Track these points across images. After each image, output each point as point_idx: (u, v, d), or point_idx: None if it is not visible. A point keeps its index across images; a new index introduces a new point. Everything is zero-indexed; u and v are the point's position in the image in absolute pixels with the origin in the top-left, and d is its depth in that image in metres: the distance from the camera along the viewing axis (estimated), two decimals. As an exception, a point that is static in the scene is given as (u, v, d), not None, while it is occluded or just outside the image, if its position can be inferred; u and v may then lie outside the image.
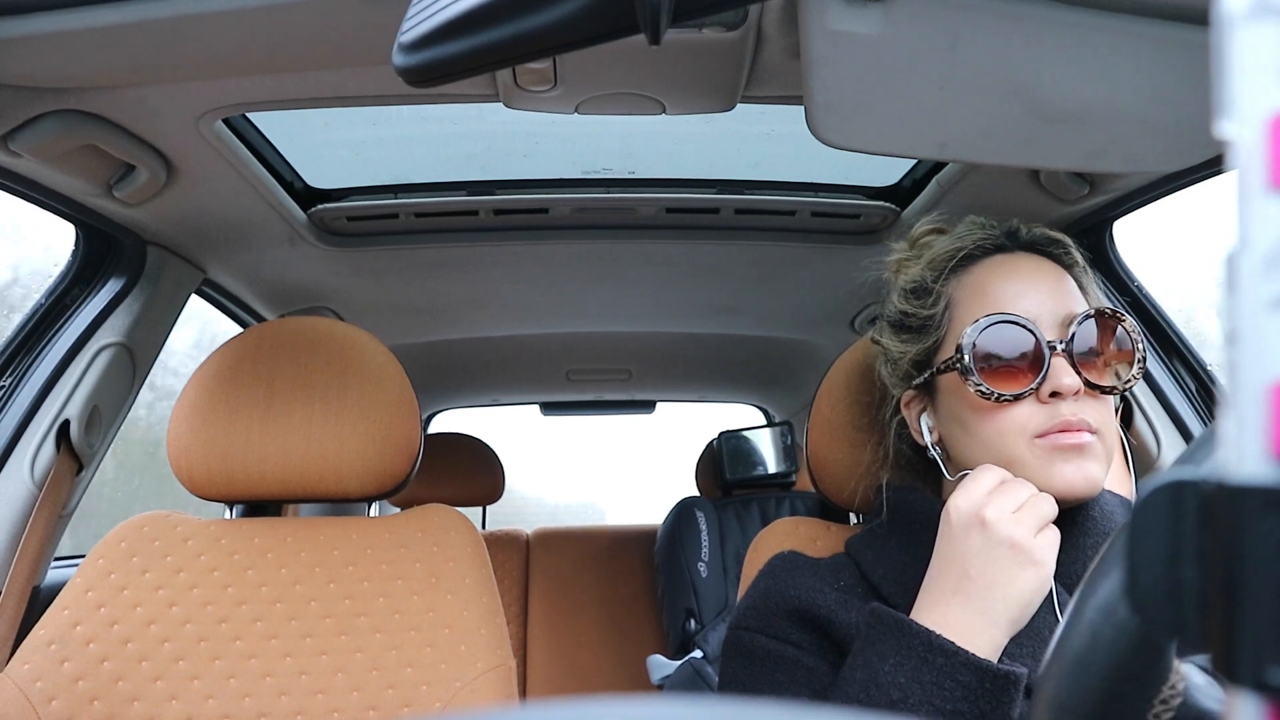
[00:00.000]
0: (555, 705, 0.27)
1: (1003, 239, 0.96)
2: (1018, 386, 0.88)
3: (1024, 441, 0.88)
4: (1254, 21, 0.21)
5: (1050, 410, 0.87)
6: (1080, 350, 0.88)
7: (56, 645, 1.11)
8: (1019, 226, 0.97)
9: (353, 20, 0.92)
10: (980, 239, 0.97)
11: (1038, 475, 0.87)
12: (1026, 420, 0.88)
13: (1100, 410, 0.89)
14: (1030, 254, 0.95)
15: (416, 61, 0.42)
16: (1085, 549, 0.89)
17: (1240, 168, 0.21)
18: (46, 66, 1.01)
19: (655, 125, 1.26)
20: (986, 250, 0.96)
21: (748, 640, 0.94)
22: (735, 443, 2.64)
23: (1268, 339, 0.21)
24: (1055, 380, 0.87)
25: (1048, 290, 0.92)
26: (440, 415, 3.37)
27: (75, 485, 1.46)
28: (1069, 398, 0.87)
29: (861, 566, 0.96)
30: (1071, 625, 0.36)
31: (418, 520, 1.26)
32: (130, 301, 1.52)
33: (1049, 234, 0.97)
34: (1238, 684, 0.21)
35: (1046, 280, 0.93)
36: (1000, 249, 0.96)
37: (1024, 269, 0.94)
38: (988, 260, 0.95)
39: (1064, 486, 0.86)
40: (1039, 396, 0.88)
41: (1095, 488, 0.87)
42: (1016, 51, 0.81)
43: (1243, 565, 0.21)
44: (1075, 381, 0.87)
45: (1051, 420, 0.87)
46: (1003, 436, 0.89)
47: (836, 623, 0.89)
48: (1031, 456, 0.88)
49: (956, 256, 0.96)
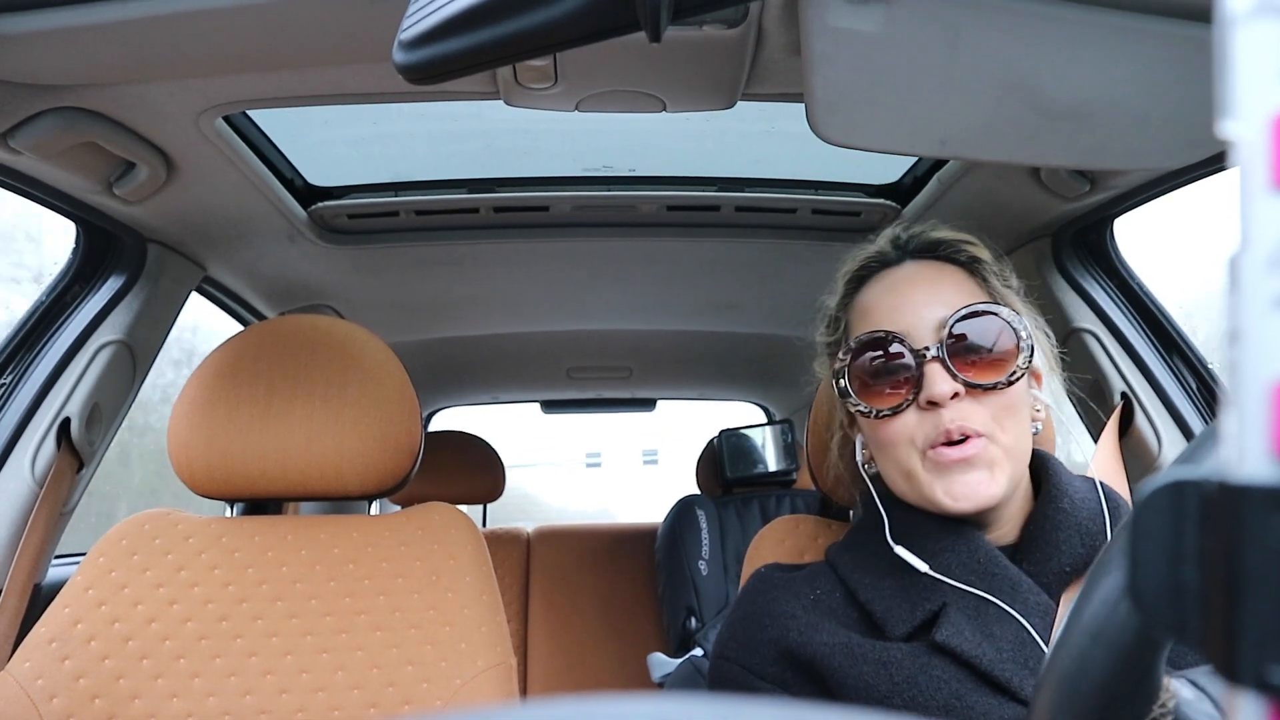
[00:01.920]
0: (556, 703, 0.27)
1: (892, 252, 0.97)
2: (895, 400, 0.88)
3: (916, 455, 0.88)
4: (1257, 20, 0.21)
5: (933, 419, 0.87)
6: (958, 352, 0.87)
7: (57, 643, 1.11)
8: (916, 234, 0.97)
9: (353, 17, 0.92)
10: (869, 257, 0.98)
11: (931, 492, 0.87)
12: (913, 431, 0.88)
13: (992, 409, 0.87)
14: (921, 261, 0.96)
15: (417, 59, 0.42)
16: (1058, 544, 0.87)
17: (1242, 167, 0.21)
18: (47, 63, 1.00)
19: (656, 123, 1.26)
20: (874, 269, 0.97)
21: (730, 673, 0.95)
22: (736, 441, 2.64)
23: (1269, 338, 0.20)
24: (930, 389, 0.86)
25: (926, 296, 0.91)
26: (441, 413, 3.37)
27: (76, 483, 1.46)
28: (949, 404, 0.86)
29: (839, 572, 0.96)
30: (1062, 645, 0.36)
31: (418, 518, 1.26)
32: (131, 299, 1.52)
33: (940, 236, 0.96)
34: (1239, 683, 0.21)
35: (927, 287, 0.92)
36: (888, 264, 0.96)
37: (906, 280, 0.94)
38: (874, 279, 0.96)
39: (951, 503, 0.86)
40: (920, 406, 0.87)
41: (988, 498, 0.86)
42: (1017, 48, 0.81)
43: (1244, 565, 0.21)
44: (949, 386, 0.86)
45: (935, 430, 0.86)
46: (897, 450, 0.90)
47: (807, 645, 0.89)
48: (924, 472, 0.88)
49: (849, 278, 0.98)
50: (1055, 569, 0.87)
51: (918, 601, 0.87)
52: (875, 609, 0.89)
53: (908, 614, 0.87)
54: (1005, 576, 0.86)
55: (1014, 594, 0.85)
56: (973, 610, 0.85)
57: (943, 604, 0.86)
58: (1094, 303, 1.53)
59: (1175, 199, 1.39)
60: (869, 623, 0.90)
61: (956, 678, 0.82)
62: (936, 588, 0.87)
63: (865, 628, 0.90)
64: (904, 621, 0.87)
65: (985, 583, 0.86)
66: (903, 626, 0.87)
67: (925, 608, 0.87)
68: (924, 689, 0.82)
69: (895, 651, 0.85)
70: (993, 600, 0.85)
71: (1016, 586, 0.85)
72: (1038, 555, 0.87)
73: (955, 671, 0.82)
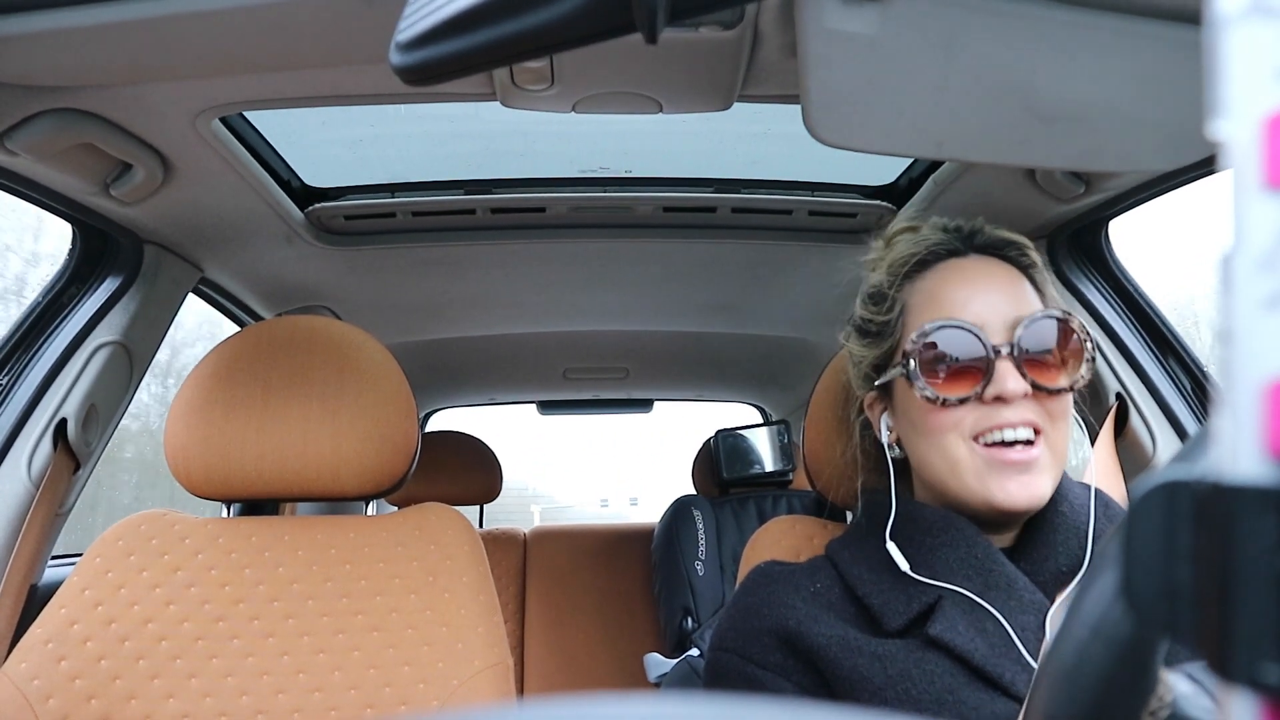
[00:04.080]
0: (552, 703, 0.27)
1: (957, 243, 0.97)
2: (963, 390, 0.88)
3: (964, 443, 0.89)
4: (1249, 21, 0.21)
5: (991, 411, 0.87)
6: (1028, 353, 0.88)
7: (53, 644, 1.11)
8: (977, 229, 0.98)
9: (350, 19, 0.92)
10: (934, 244, 0.97)
11: (977, 483, 0.88)
12: (966, 421, 0.88)
13: (1049, 411, 0.88)
14: (985, 257, 0.96)
15: (413, 60, 0.42)
16: (1055, 546, 0.89)
17: (1235, 167, 0.21)
18: (43, 65, 1.00)
19: (652, 124, 1.26)
20: (940, 255, 0.97)
21: (727, 664, 0.95)
22: (732, 441, 2.64)
23: (1262, 338, 0.21)
24: (1000, 385, 0.87)
25: (997, 294, 0.92)
26: (438, 414, 3.37)
27: (72, 484, 1.46)
28: (1015, 401, 0.87)
29: (839, 567, 0.96)
30: (1060, 640, 0.36)
31: (415, 519, 1.26)
32: (127, 300, 1.51)
33: (1005, 236, 0.97)
34: (1232, 682, 0.21)
35: (997, 283, 0.93)
36: (954, 253, 0.97)
37: (975, 273, 0.94)
38: (940, 265, 0.96)
39: (1006, 500, 0.86)
40: (983, 400, 0.88)
41: (1040, 502, 0.87)
42: (1013, 51, 0.81)
43: (1236, 564, 0.21)
44: (1020, 385, 0.86)
45: (990, 420, 0.87)
46: (944, 436, 0.90)
47: (805, 635, 0.90)
48: (972, 462, 0.88)
49: (910, 262, 0.97)
50: (1052, 569, 0.88)
51: (914, 596, 0.88)
52: (872, 603, 0.90)
53: (903, 608, 0.88)
54: (1002, 573, 0.87)
55: (1010, 591, 0.86)
56: (967, 605, 0.86)
57: (938, 598, 0.87)
58: (1089, 304, 1.53)
59: (1170, 200, 1.39)
60: (867, 617, 0.91)
61: (950, 672, 0.83)
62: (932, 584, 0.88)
63: (863, 622, 0.91)
64: (899, 615, 0.88)
65: (982, 578, 0.87)
66: (898, 620, 0.88)
67: (921, 601, 0.88)
68: (917, 683, 0.83)
69: (890, 646, 0.86)
70: (980, 602, 0.85)
71: (1013, 584, 0.86)
72: (1035, 555, 0.88)
73: (948, 666, 0.83)
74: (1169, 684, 0.41)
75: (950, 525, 0.90)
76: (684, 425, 3.54)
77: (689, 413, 3.78)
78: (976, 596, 0.86)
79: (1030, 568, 0.88)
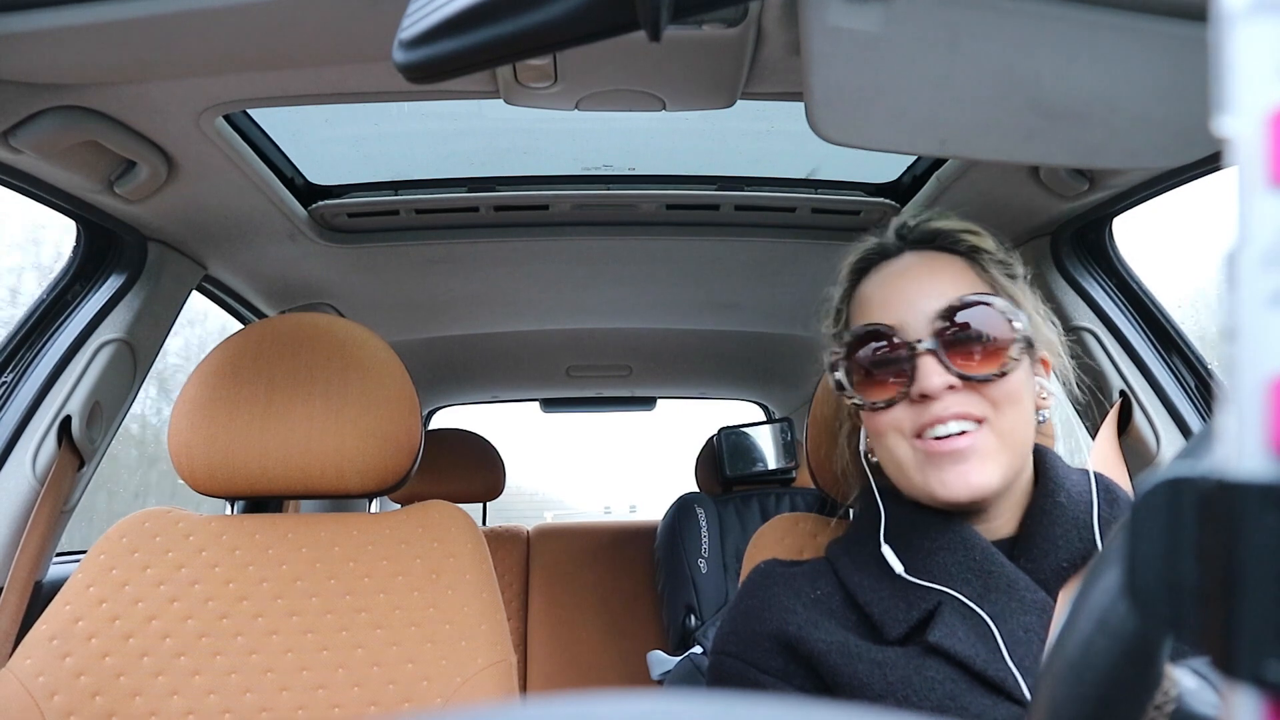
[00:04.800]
0: (555, 701, 0.27)
1: (891, 242, 0.97)
2: (889, 392, 0.89)
3: (906, 442, 0.89)
4: (1255, 18, 0.21)
5: (922, 408, 0.87)
6: (951, 344, 0.86)
7: (58, 640, 1.11)
8: (917, 223, 0.97)
9: (353, 16, 0.92)
10: (870, 250, 0.98)
11: (921, 480, 0.87)
12: (903, 421, 0.88)
13: (990, 398, 0.86)
14: (918, 251, 0.95)
15: (417, 58, 0.42)
16: (1055, 540, 0.87)
17: (1240, 164, 0.21)
18: (48, 62, 1.00)
19: (655, 122, 1.27)
20: (873, 260, 0.97)
21: (730, 668, 0.95)
22: (735, 439, 2.64)
23: (1267, 335, 0.21)
24: (923, 382, 0.86)
25: (918, 289, 0.90)
26: (441, 411, 3.37)
27: (77, 481, 1.46)
28: (942, 396, 0.86)
29: (839, 573, 0.96)
30: (1065, 634, 0.36)
31: (418, 516, 1.26)
32: (131, 297, 1.52)
33: (934, 226, 0.96)
34: (1236, 679, 0.21)
35: (920, 279, 0.92)
36: (886, 255, 0.96)
37: (899, 272, 0.94)
38: (874, 270, 0.96)
39: (944, 492, 0.86)
40: (911, 399, 0.87)
41: (983, 490, 0.85)
42: (1016, 48, 0.81)
43: (1241, 562, 0.21)
44: (943, 379, 0.85)
45: (922, 417, 0.86)
46: (888, 438, 0.90)
47: (806, 640, 0.90)
48: (914, 460, 0.88)
49: (848, 271, 0.99)
50: (1053, 565, 0.86)
51: (913, 602, 0.87)
52: (872, 611, 0.89)
53: (903, 614, 0.87)
54: (1002, 574, 0.86)
55: (1011, 592, 0.85)
56: (967, 609, 0.85)
57: (937, 604, 0.86)
58: (1093, 301, 1.53)
59: (1174, 196, 1.39)
60: (868, 624, 0.90)
61: (951, 678, 0.82)
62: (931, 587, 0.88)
63: (864, 629, 0.90)
64: (900, 623, 0.87)
65: (982, 581, 0.86)
66: (899, 628, 0.87)
67: (921, 607, 0.87)
68: (918, 689, 0.82)
69: (891, 653, 0.85)
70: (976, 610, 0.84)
71: (1014, 585, 0.85)
72: (1035, 551, 0.87)
73: (950, 672, 0.82)
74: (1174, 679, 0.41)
75: (947, 527, 0.89)
76: (682, 432, 3.52)
77: (687, 419, 3.78)
78: (977, 599, 0.85)
79: (1031, 565, 0.87)
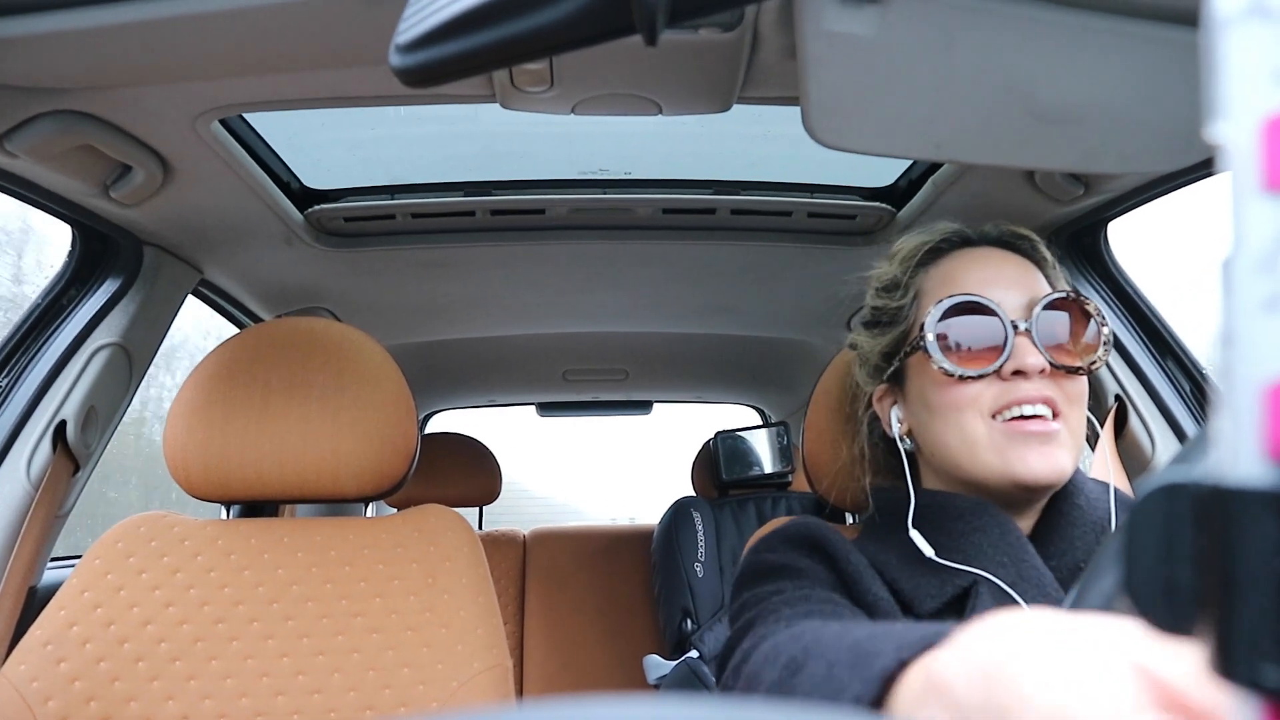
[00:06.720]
0: (552, 705, 0.27)
1: (970, 234, 0.99)
2: (981, 365, 0.89)
3: (983, 420, 0.88)
4: (1248, 22, 0.21)
5: (1010, 386, 0.87)
6: (1044, 332, 0.89)
7: (53, 645, 1.11)
8: (987, 226, 1.00)
9: (349, 21, 0.92)
10: (948, 233, 0.99)
11: (998, 459, 0.87)
12: (983, 398, 0.88)
13: (1066, 393, 0.88)
14: (997, 248, 0.98)
15: (413, 62, 0.42)
16: (1073, 540, 0.88)
17: (1233, 169, 0.21)
18: (43, 66, 1.00)
19: (652, 126, 1.27)
20: (953, 244, 0.99)
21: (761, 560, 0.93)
22: (732, 443, 2.64)
23: (1261, 340, 0.21)
24: (1019, 359, 0.87)
25: (1013, 278, 0.93)
26: (437, 416, 3.37)
27: (71, 486, 1.46)
28: (1033, 377, 0.87)
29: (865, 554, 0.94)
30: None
31: (414, 520, 1.26)
32: (127, 302, 1.52)
33: (1016, 230, 0.99)
34: (1233, 684, 0.21)
35: (1011, 269, 0.95)
36: (967, 243, 0.98)
37: (990, 259, 0.96)
38: (955, 253, 0.98)
39: (1027, 472, 0.86)
40: (1001, 374, 0.88)
41: (1062, 476, 0.87)
42: (1012, 52, 0.81)
43: (1237, 566, 0.21)
44: (1039, 360, 0.87)
45: (1009, 395, 0.87)
46: (962, 413, 0.89)
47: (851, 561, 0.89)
48: (991, 438, 0.88)
49: (922, 251, 0.99)
50: (1070, 564, 0.87)
51: (945, 580, 0.87)
52: (903, 587, 0.88)
53: (936, 590, 0.86)
54: (1033, 564, 0.86)
55: (1040, 585, 0.84)
56: (1000, 592, 0.84)
57: (972, 582, 0.85)
58: (1088, 305, 1.53)
59: (1169, 201, 1.39)
60: (899, 600, 0.89)
61: None
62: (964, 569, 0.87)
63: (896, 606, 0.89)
64: (932, 598, 0.86)
65: (1015, 568, 0.85)
66: (931, 604, 0.86)
67: (955, 584, 0.86)
68: None
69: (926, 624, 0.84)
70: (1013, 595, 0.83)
71: (1042, 577, 0.85)
72: (1053, 549, 0.88)
73: None
74: None
75: (983, 510, 0.89)
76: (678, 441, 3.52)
77: (685, 426, 3.78)
78: (1010, 585, 0.84)
79: (1052, 562, 0.87)
